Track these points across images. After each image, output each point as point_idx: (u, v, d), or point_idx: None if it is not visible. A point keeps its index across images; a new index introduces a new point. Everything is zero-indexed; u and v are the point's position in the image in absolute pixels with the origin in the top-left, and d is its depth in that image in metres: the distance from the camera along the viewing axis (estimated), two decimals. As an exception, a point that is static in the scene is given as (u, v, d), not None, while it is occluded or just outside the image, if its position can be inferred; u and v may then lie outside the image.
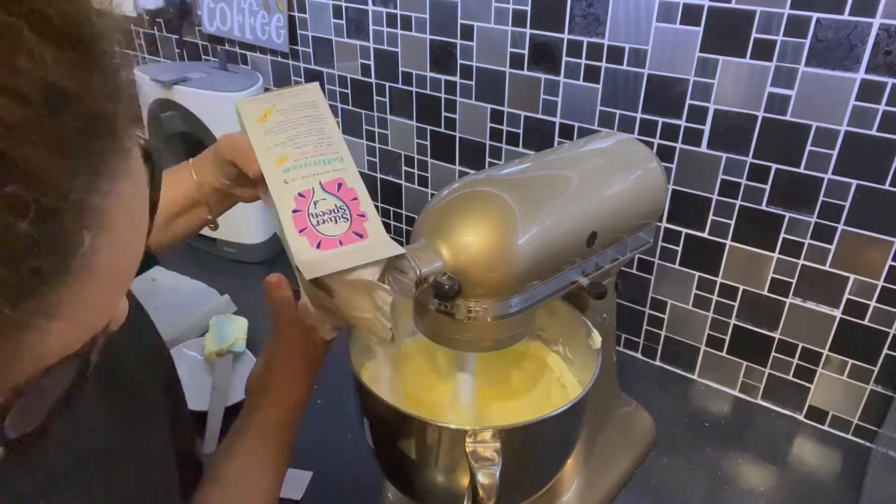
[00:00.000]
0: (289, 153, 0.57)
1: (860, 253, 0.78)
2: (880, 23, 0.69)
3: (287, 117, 0.60)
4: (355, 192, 0.55)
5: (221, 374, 0.90)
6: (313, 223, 0.53)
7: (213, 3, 1.25)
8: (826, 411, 0.88)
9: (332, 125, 0.60)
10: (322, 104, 0.61)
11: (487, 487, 0.53)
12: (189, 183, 0.64)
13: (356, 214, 0.54)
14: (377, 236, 0.53)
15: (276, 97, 0.62)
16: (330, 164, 0.56)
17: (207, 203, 0.65)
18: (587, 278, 0.64)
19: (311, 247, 0.52)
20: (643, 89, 0.85)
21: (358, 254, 0.52)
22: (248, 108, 0.61)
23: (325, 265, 0.51)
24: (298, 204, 0.54)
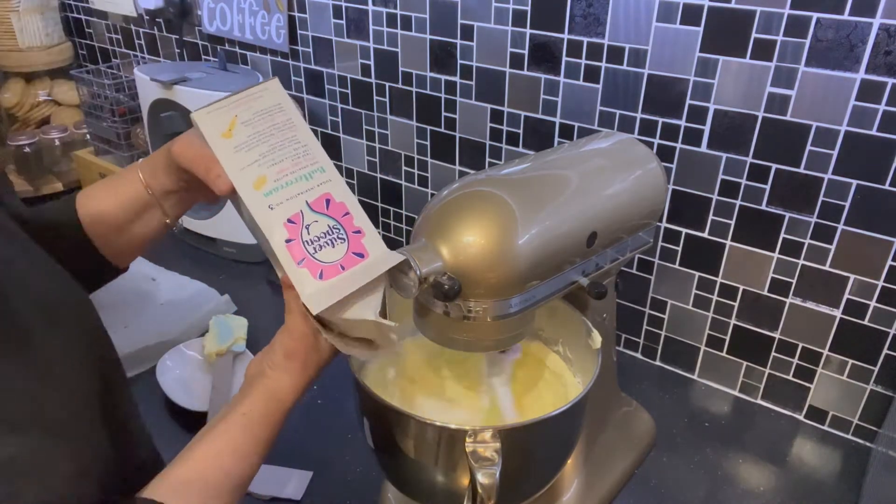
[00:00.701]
0: (266, 173, 0.54)
1: (860, 253, 0.78)
2: (880, 23, 0.69)
3: (254, 129, 0.56)
4: (346, 207, 0.53)
5: (221, 373, 0.90)
6: (310, 252, 0.51)
7: (213, 3, 1.25)
8: (826, 411, 0.88)
9: (303, 130, 0.56)
10: (288, 105, 0.57)
11: (487, 487, 0.53)
12: (136, 186, 0.60)
13: (352, 232, 0.52)
14: (377, 251, 0.52)
15: (237, 104, 0.57)
16: (312, 178, 0.54)
17: (161, 206, 0.61)
18: (587, 278, 0.64)
19: (315, 278, 0.50)
20: (643, 89, 0.85)
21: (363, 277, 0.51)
22: (208, 122, 0.55)
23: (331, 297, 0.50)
24: (290, 232, 0.52)
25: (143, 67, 1.21)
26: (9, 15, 1.46)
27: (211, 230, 1.22)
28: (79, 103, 1.49)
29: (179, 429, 0.85)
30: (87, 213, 0.60)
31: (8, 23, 1.47)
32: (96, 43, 1.60)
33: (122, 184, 0.61)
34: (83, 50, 1.65)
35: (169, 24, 1.39)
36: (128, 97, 1.38)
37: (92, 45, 1.62)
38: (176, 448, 0.81)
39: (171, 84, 1.12)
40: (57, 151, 1.50)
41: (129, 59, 1.53)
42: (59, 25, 1.57)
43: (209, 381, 0.90)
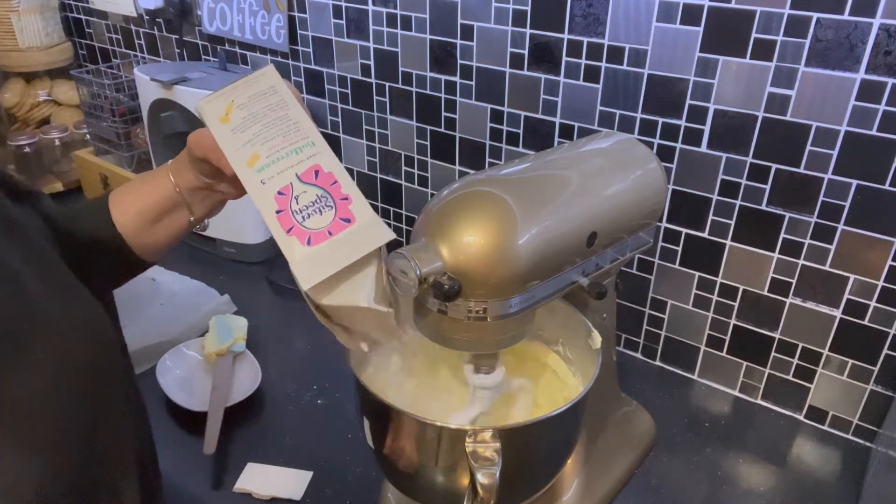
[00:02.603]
0: (258, 150, 0.56)
1: (860, 253, 0.78)
2: (880, 23, 0.69)
3: (249, 111, 0.58)
4: (333, 176, 0.54)
5: (221, 374, 0.90)
6: (299, 220, 0.52)
7: (213, 4, 1.25)
8: (826, 411, 0.88)
9: (296, 108, 0.58)
10: (281, 87, 0.59)
11: (487, 487, 0.53)
12: (167, 185, 0.63)
13: (339, 199, 0.53)
14: (364, 217, 0.52)
15: (234, 91, 0.60)
16: (302, 151, 0.55)
17: (188, 204, 0.63)
18: (587, 278, 0.64)
19: (302, 244, 0.51)
20: (643, 89, 0.85)
21: (350, 243, 0.51)
22: (208, 109, 0.59)
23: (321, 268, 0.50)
24: (280, 203, 0.53)
25: (143, 67, 1.21)
26: (9, 15, 1.46)
27: (211, 230, 1.22)
28: (79, 103, 1.49)
29: (179, 429, 0.85)
30: (120, 212, 0.63)
31: (8, 23, 1.47)
32: (96, 43, 1.60)
33: (154, 182, 0.63)
34: (83, 50, 1.65)
35: (169, 24, 1.39)
36: (128, 97, 1.38)
37: (92, 45, 1.62)
38: (175, 448, 0.82)
39: (171, 84, 1.12)
40: (57, 151, 1.50)
41: (129, 59, 1.53)
42: (59, 25, 1.57)
43: (209, 381, 0.90)
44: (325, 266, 0.51)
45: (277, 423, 0.87)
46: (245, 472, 0.78)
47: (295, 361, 0.99)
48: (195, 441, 0.81)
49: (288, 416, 0.88)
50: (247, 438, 0.84)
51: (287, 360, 0.99)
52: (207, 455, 0.78)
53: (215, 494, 0.76)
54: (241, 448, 0.82)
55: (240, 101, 0.59)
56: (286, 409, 0.89)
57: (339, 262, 0.51)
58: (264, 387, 0.91)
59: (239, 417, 0.86)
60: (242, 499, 0.76)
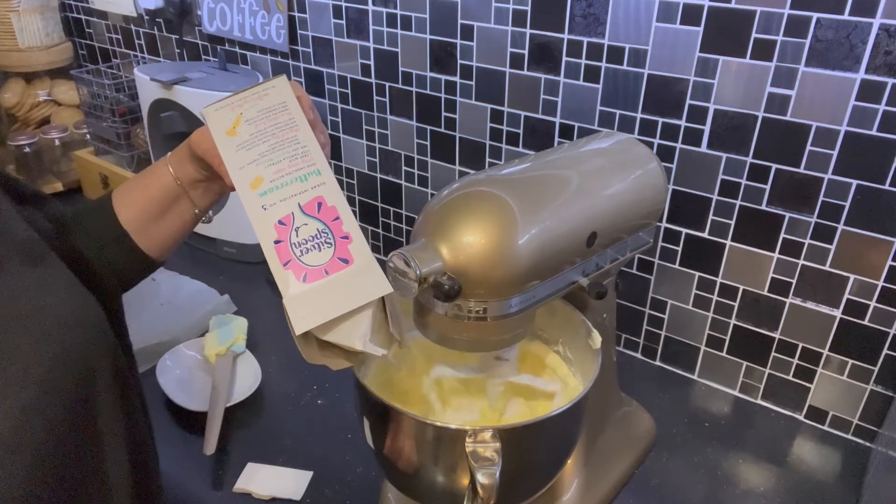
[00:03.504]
0: (263, 173, 0.55)
1: (860, 253, 0.78)
2: (880, 23, 0.69)
3: (257, 128, 0.57)
4: (336, 211, 0.53)
5: (221, 374, 0.90)
6: (297, 254, 0.51)
7: (213, 4, 1.25)
8: (826, 411, 0.88)
9: (304, 130, 0.57)
10: (292, 104, 0.58)
11: (487, 487, 0.53)
12: (167, 178, 0.63)
13: (339, 237, 0.52)
14: (362, 260, 0.52)
15: (244, 102, 0.59)
16: (307, 180, 0.54)
17: (189, 196, 0.63)
18: (587, 278, 0.64)
19: (298, 280, 0.51)
20: (643, 89, 0.85)
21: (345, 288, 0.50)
22: (215, 119, 0.58)
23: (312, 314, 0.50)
24: (279, 233, 0.52)
25: (143, 67, 1.21)
26: (9, 15, 1.46)
27: (211, 230, 1.22)
28: (79, 103, 1.49)
29: (179, 429, 0.85)
30: (123, 208, 0.63)
31: (8, 23, 1.47)
32: (96, 43, 1.60)
33: (153, 177, 0.64)
34: (83, 50, 1.65)
35: (169, 24, 1.39)
36: (128, 97, 1.38)
37: (92, 45, 1.62)
38: (175, 448, 0.82)
39: (171, 84, 1.12)
40: (57, 151, 1.50)
41: (129, 59, 1.53)
42: (59, 25, 1.57)
43: (209, 381, 0.90)
44: (316, 312, 0.50)
45: (277, 423, 0.87)
46: (245, 472, 0.78)
47: (295, 361, 0.98)
48: (195, 441, 0.81)
49: (288, 416, 0.88)
50: (247, 438, 0.84)
51: (287, 360, 0.99)
52: (207, 455, 0.78)
53: (215, 494, 0.76)
54: (240, 448, 0.82)
55: (249, 114, 0.58)
56: (286, 409, 0.89)
57: (330, 311, 0.50)
58: (264, 387, 0.91)
59: (239, 417, 0.86)
60: (242, 499, 0.76)
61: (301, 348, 0.52)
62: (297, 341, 0.51)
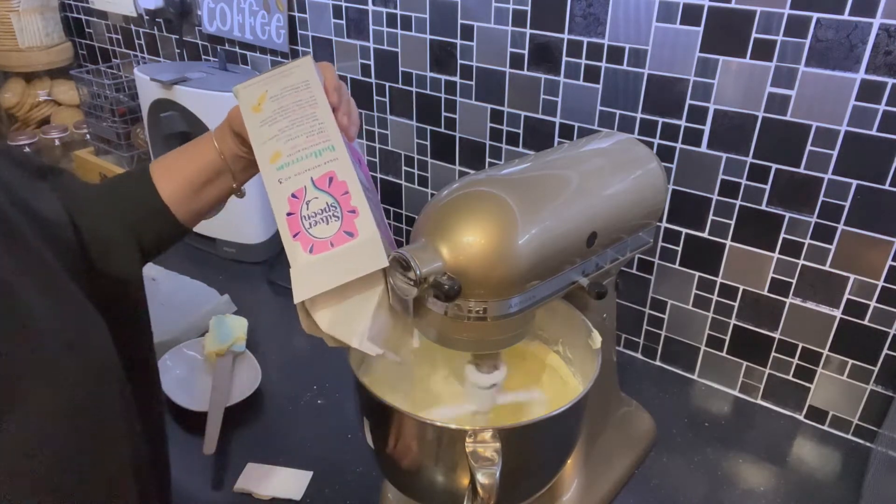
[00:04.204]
0: (281, 148, 0.57)
1: (860, 253, 0.78)
2: (880, 23, 0.69)
3: (280, 104, 0.59)
4: (346, 186, 0.55)
5: (221, 374, 0.90)
6: (306, 226, 0.53)
7: (213, 4, 1.25)
8: (826, 411, 0.88)
9: (324, 107, 0.59)
10: (314, 82, 0.60)
11: (487, 487, 0.53)
12: (212, 152, 0.64)
13: (347, 211, 0.54)
14: (366, 233, 0.53)
15: (270, 80, 0.61)
16: (321, 155, 0.56)
17: (231, 171, 0.65)
18: (587, 278, 0.64)
19: (305, 251, 0.52)
20: (643, 89, 0.85)
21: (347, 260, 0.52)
22: (244, 95, 0.61)
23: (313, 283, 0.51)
24: (292, 206, 0.54)
25: (143, 67, 1.21)
26: (9, 15, 1.46)
27: (211, 230, 1.22)
28: (79, 103, 1.49)
29: (179, 429, 0.85)
30: (165, 181, 0.64)
31: (8, 23, 1.47)
32: (96, 43, 1.60)
33: (198, 150, 0.65)
34: (83, 50, 1.65)
35: (169, 24, 1.39)
36: (128, 97, 1.38)
37: (92, 45, 1.62)
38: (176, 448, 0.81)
39: (171, 84, 1.12)
40: (57, 151, 1.50)
41: (129, 59, 1.53)
42: (58, 25, 1.57)
43: (209, 381, 0.90)
44: (317, 282, 0.51)
45: (277, 423, 0.87)
46: (245, 472, 0.78)
47: (295, 361, 0.99)
48: (195, 441, 0.81)
49: (288, 416, 0.88)
50: (247, 438, 0.84)
51: (287, 360, 0.99)
52: (207, 455, 0.78)
53: (215, 494, 0.76)
54: (241, 448, 0.82)
55: (273, 91, 0.60)
56: (286, 409, 0.89)
57: (331, 281, 0.51)
58: (264, 387, 0.91)
59: (239, 417, 0.86)
60: (242, 499, 0.76)
61: (301, 317, 0.53)
62: (298, 310, 0.53)
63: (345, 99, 0.62)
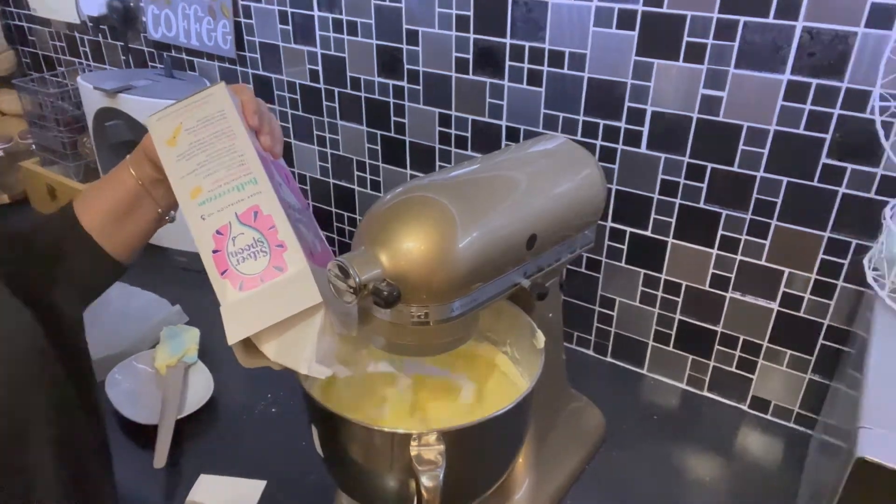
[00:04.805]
0: (201, 183, 0.56)
1: (793, 247, 0.81)
2: (803, 25, 0.71)
3: (196, 137, 0.58)
4: (272, 220, 0.54)
5: (172, 386, 0.89)
6: (233, 263, 0.52)
7: (158, 10, 1.24)
8: (769, 401, 0.91)
9: (242, 138, 0.58)
10: (230, 112, 0.59)
11: (431, 490, 0.54)
12: (130, 179, 0.63)
13: (275, 245, 0.53)
14: (296, 267, 0.53)
15: (183, 111, 0.60)
16: (244, 189, 0.55)
17: (152, 196, 0.64)
18: (529, 279, 0.65)
19: (235, 289, 0.52)
20: (584, 92, 0.87)
21: (279, 296, 0.51)
22: (157, 128, 0.59)
23: (247, 322, 0.51)
24: (217, 243, 0.53)
25: (87, 76, 1.19)
26: (-54, 23, 1.42)
27: (161, 239, 1.21)
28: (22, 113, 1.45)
29: (130, 443, 0.84)
30: (86, 214, 0.64)
31: (-55, 31, 1.43)
32: (40, 51, 1.56)
33: (115, 179, 0.64)
34: (27, 58, 1.61)
35: (114, 31, 1.36)
36: (73, 106, 1.35)
37: (36, 53, 1.58)
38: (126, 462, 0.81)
39: (115, 92, 1.10)
40: (2, 162, 1.46)
41: (75, 67, 1.50)
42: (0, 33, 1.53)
43: (160, 394, 0.89)
44: (250, 321, 0.51)
45: (231, 433, 0.86)
46: (197, 484, 0.77)
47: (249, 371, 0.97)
48: (147, 455, 0.80)
49: (242, 425, 0.88)
50: (200, 450, 0.83)
51: (241, 369, 0.96)
52: (159, 469, 0.77)
53: (167, 508, 0.76)
54: (194, 460, 0.82)
55: (188, 124, 0.59)
56: (240, 418, 0.89)
57: (265, 320, 0.51)
58: (218, 397, 0.90)
59: (191, 429, 0.85)
60: (194, 511, 0.75)
61: (237, 354, 0.53)
62: (234, 347, 0.52)
63: (266, 119, 0.62)
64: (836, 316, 0.82)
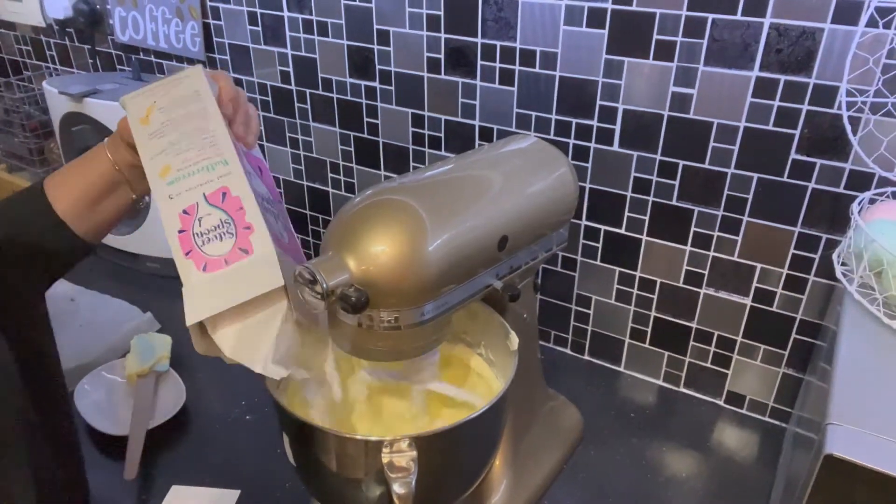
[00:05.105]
0: (171, 162, 0.55)
1: (765, 243, 0.81)
2: (770, 22, 0.72)
3: (169, 116, 0.57)
4: (240, 202, 0.53)
5: (143, 395, 0.87)
6: (198, 244, 0.51)
7: (125, 12, 1.22)
8: (744, 396, 0.91)
9: (215, 119, 0.57)
10: (205, 93, 0.58)
11: (403, 497, 0.53)
12: (106, 163, 0.62)
13: (242, 227, 0.52)
14: (262, 250, 0.51)
15: (159, 89, 0.59)
16: (214, 170, 0.54)
17: (128, 181, 0.63)
18: (501, 281, 0.64)
19: (198, 269, 0.51)
20: (556, 91, 0.87)
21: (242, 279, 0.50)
22: (131, 106, 0.59)
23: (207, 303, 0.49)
24: (183, 223, 0.52)
25: (53, 80, 1.17)
26: None
27: (133, 246, 1.19)
28: (-13, 118, 1.42)
29: (100, 454, 0.82)
30: (59, 197, 0.62)
31: None
32: (5, 55, 1.53)
33: (92, 163, 0.63)
34: (-9, 62, 1.57)
35: (80, 35, 1.34)
36: (39, 111, 1.33)
37: (1, 58, 1.54)
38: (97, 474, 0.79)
39: (81, 97, 1.08)
40: (-34, 169, 1.43)
41: (42, 72, 1.47)
42: (-38, 37, 1.50)
43: (130, 404, 0.87)
44: (211, 303, 0.49)
45: (204, 442, 0.85)
46: (169, 494, 0.76)
47: (223, 377, 0.97)
48: (118, 466, 0.78)
49: (215, 434, 0.86)
50: (171, 460, 0.82)
51: (214, 376, 0.96)
52: (130, 480, 0.76)
53: (138, 520, 0.74)
54: (165, 470, 0.80)
55: (161, 102, 0.58)
56: (213, 427, 0.87)
57: (226, 301, 0.50)
58: (190, 405, 0.89)
59: (163, 439, 0.84)
60: (166, 523, 0.74)
61: (193, 338, 0.52)
62: (191, 331, 0.51)
63: (242, 109, 0.61)
64: (808, 310, 0.82)
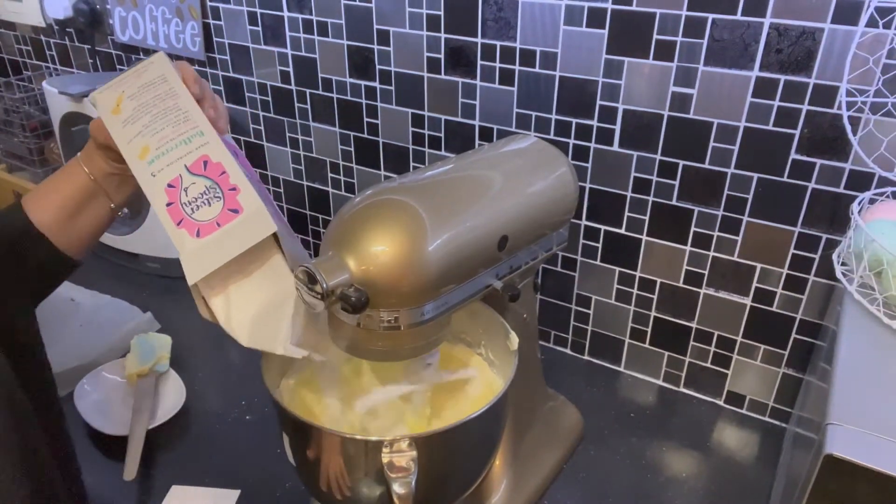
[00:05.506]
0: (148, 142, 0.56)
1: (765, 243, 0.81)
2: (770, 22, 0.72)
3: (139, 101, 0.59)
4: (222, 166, 0.55)
5: (143, 395, 0.87)
6: (188, 212, 0.53)
7: (125, 12, 1.22)
8: (744, 396, 0.91)
9: (185, 97, 0.58)
10: (171, 76, 0.60)
11: (403, 497, 0.53)
12: (81, 175, 0.63)
13: (227, 189, 0.54)
14: (252, 206, 0.53)
15: (125, 81, 0.61)
16: (191, 142, 0.56)
17: (105, 191, 0.64)
18: (501, 281, 0.64)
19: (192, 236, 0.52)
20: (556, 91, 0.87)
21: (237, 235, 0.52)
22: (101, 101, 0.60)
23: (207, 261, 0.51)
24: (170, 196, 0.54)
25: (53, 80, 1.17)
26: None
27: (133, 246, 1.19)
28: (-13, 118, 1.42)
29: (100, 455, 0.82)
30: (38, 212, 0.63)
31: None
32: (6, 55, 1.53)
33: (67, 175, 0.64)
34: (-9, 62, 1.57)
35: (80, 34, 1.34)
36: (39, 111, 1.33)
37: (1, 58, 1.54)
38: (97, 475, 0.79)
39: (81, 97, 1.08)
40: (-34, 170, 1.43)
41: (42, 72, 1.47)
42: (-38, 37, 1.49)
43: (130, 404, 0.87)
44: (211, 259, 0.51)
45: (204, 442, 0.85)
46: (169, 494, 0.76)
47: (222, 377, 0.97)
48: (117, 467, 0.78)
49: (215, 434, 0.86)
50: (172, 460, 0.82)
51: (214, 376, 0.97)
52: (129, 481, 0.76)
53: (138, 521, 0.74)
54: (165, 470, 0.80)
55: (130, 91, 0.60)
56: (213, 427, 0.87)
57: (224, 255, 0.51)
58: (190, 405, 0.89)
59: (163, 439, 0.84)
60: (167, 523, 0.74)
61: (196, 301, 0.54)
62: (193, 293, 0.53)
63: (208, 93, 0.62)
64: (808, 310, 0.82)
